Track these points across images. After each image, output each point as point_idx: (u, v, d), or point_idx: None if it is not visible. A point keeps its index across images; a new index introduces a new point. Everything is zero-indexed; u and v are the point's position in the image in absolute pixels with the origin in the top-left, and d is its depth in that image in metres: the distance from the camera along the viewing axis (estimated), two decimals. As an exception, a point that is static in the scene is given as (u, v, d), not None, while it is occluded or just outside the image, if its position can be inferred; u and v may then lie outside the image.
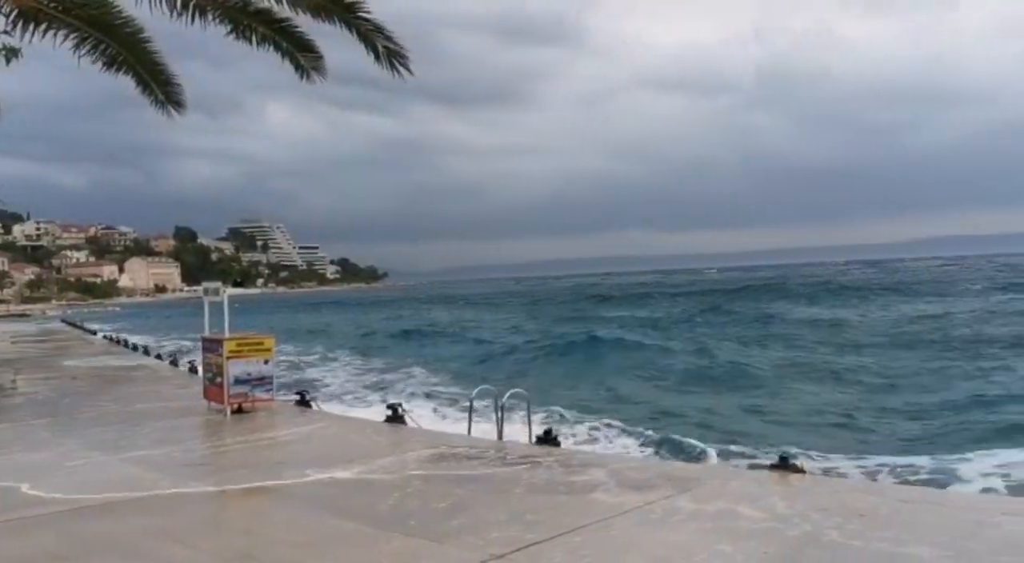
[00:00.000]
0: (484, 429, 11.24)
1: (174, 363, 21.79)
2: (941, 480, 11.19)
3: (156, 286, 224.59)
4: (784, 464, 7.55)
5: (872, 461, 12.50)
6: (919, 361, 25.16)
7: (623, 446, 14.19)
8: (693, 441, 14.28)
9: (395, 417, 11.42)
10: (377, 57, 13.81)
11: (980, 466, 11.95)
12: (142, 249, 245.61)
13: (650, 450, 13.75)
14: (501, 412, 10.45)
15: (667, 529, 5.97)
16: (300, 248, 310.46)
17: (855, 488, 8.32)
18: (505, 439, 10.25)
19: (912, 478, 11.32)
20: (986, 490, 10.55)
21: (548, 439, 9.46)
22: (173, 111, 15.59)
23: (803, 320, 43.02)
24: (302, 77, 14.91)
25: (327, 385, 24.92)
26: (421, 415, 14.41)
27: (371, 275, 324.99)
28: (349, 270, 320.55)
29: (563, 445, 9.59)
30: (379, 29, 13.65)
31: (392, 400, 13.41)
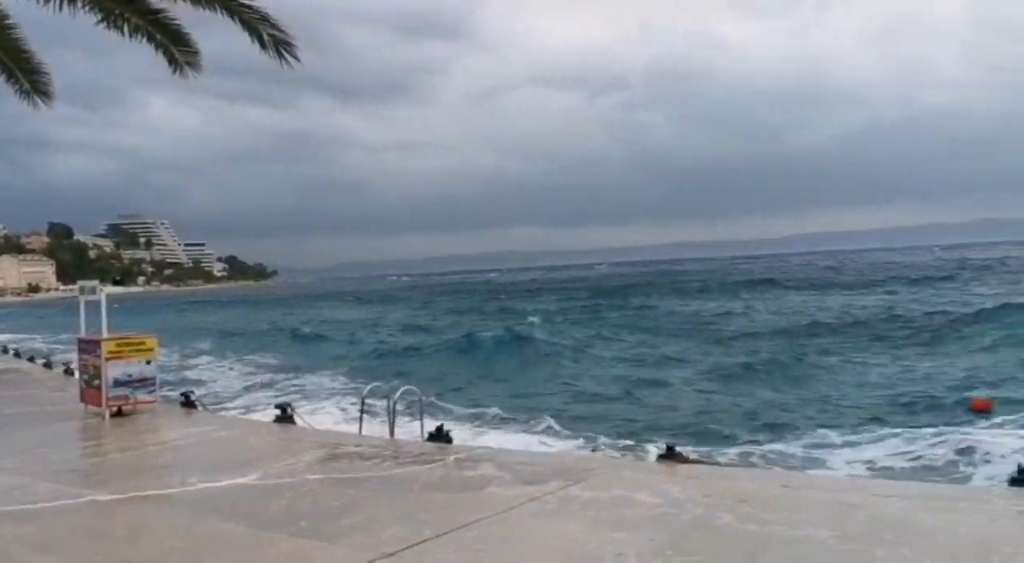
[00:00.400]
0: (377, 428, 11.13)
1: (47, 365, 20.68)
2: (808, 465, 11.83)
3: (29, 285, 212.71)
4: (671, 454, 7.75)
5: (737, 449, 13.04)
6: (791, 349, 26.32)
7: (517, 441, 14.30)
8: (589, 433, 14.57)
9: (284, 417, 11.16)
10: (263, 45, 13.41)
11: (840, 451, 12.72)
12: (13, 246, 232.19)
13: (543, 444, 13.92)
14: (393, 410, 10.35)
15: (562, 519, 6.04)
16: (186, 245, 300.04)
17: (739, 476, 8.63)
18: (397, 437, 10.16)
19: (781, 464, 11.88)
20: (851, 475, 11.16)
21: (440, 436, 9.42)
22: (40, 101, 14.81)
23: (687, 314, 44.57)
24: (176, 71, 14.33)
25: (214, 386, 24.21)
26: (312, 415, 14.14)
27: (260, 273, 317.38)
28: (237, 268, 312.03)
29: (456, 441, 9.56)
30: (264, 17, 13.24)
31: (282, 400, 13.10)
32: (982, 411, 14.75)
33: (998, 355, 23.08)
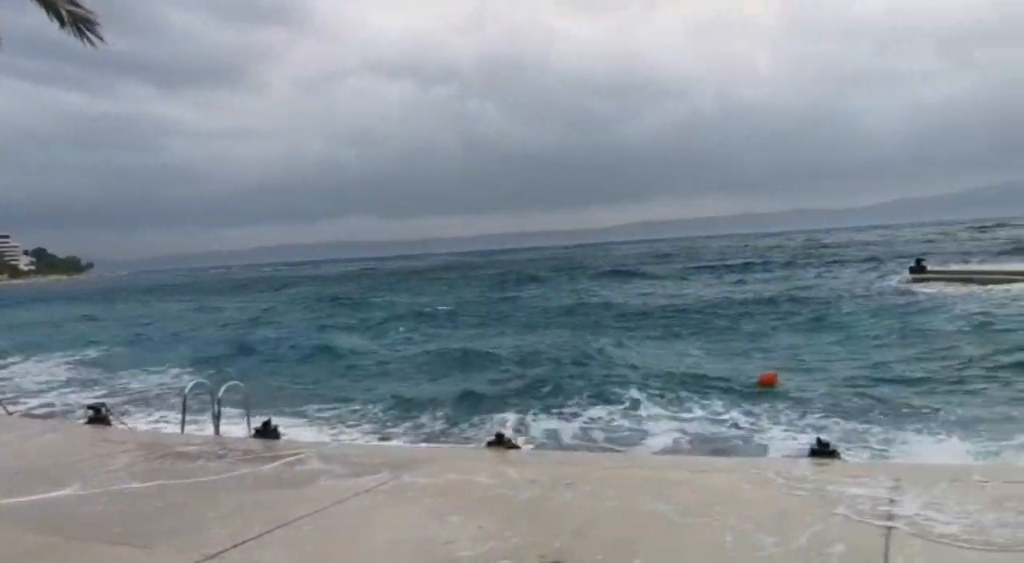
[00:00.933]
0: (201, 427, 10.74)
1: None
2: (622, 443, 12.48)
3: None
4: (500, 441, 7.93)
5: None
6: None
7: (346, 435, 14.18)
8: (422, 420, 14.64)
9: (98, 418, 10.54)
10: (61, 23, 12.54)
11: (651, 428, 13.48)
12: None
13: (372, 437, 13.87)
14: (217, 406, 10.01)
15: (394, 508, 6.06)
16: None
17: (567, 459, 8.95)
18: (223, 434, 9.84)
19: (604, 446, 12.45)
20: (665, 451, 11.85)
21: (267, 432, 9.20)
22: None
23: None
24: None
25: (20, 385, 22.52)
26: (131, 415, 13.45)
27: (73, 266, 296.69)
28: (47, 261, 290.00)
29: (284, 437, 9.37)
30: (61, -8, 12.41)
31: (95, 401, 12.37)
32: (768, 385, 15.96)
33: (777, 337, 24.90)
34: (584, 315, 35.86)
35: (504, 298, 50.83)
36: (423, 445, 12.64)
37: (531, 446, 12.01)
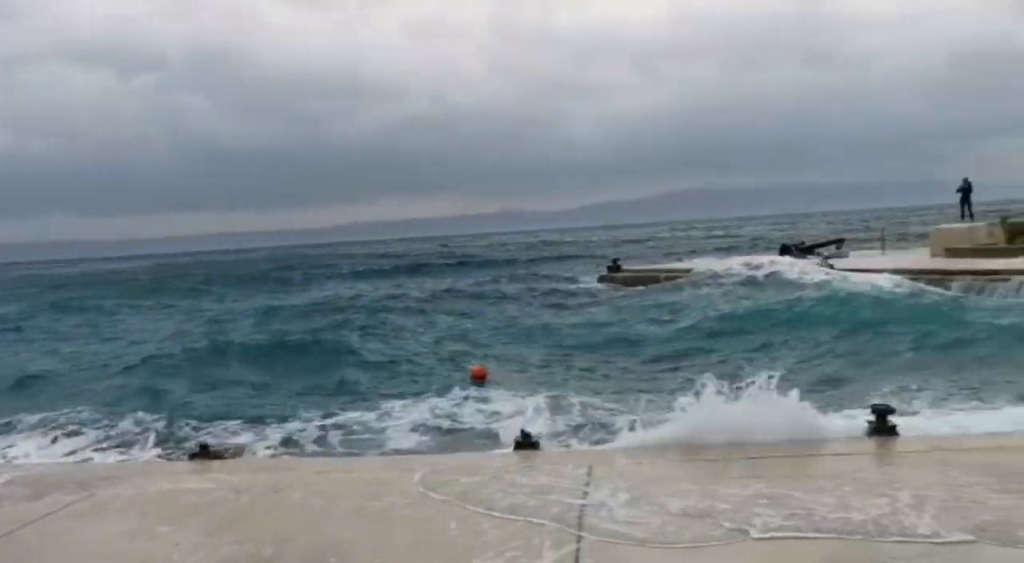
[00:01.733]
0: None
1: None
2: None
3: None
4: (205, 452, 7.73)
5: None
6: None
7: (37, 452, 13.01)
8: (127, 437, 13.73)
9: None
10: None
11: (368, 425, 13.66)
12: None
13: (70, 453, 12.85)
14: None
15: (92, 525, 5.85)
16: None
17: (274, 465, 8.92)
18: None
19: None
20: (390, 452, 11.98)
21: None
22: None
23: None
24: None
25: None
26: None
27: None
28: None
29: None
30: None
31: None
32: (480, 379, 16.74)
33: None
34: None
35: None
36: (124, 459, 11.89)
37: (270, 453, 11.80)
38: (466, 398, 15.29)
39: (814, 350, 18.12)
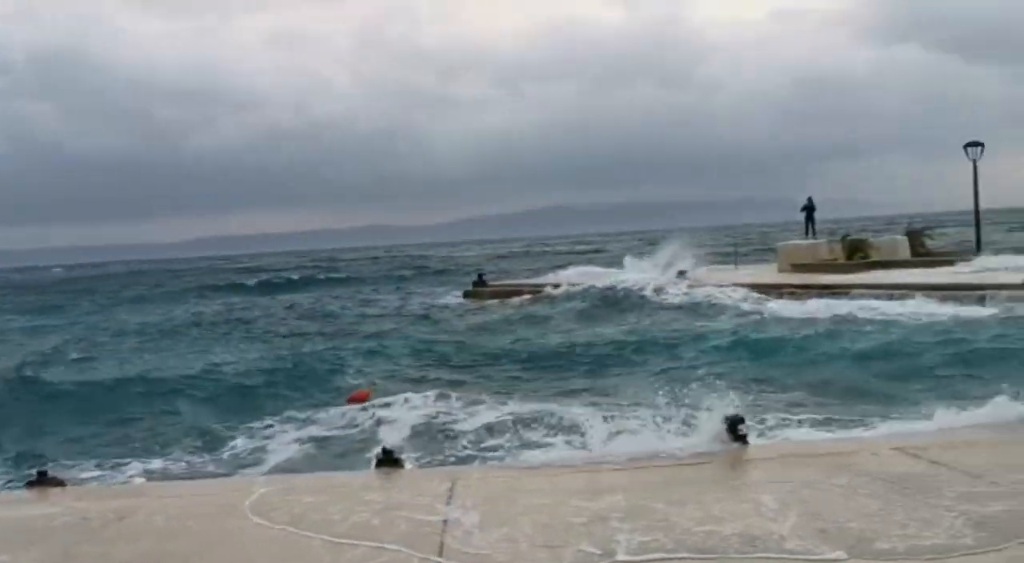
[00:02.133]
0: None
1: None
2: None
3: None
4: (44, 479, 7.34)
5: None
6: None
7: None
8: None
9: None
10: None
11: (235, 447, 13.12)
12: None
13: None
14: None
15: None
16: None
17: (117, 493, 8.50)
18: None
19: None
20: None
21: None
22: None
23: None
24: None
25: None
26: None
27: None
28: None
29: None
30: None
31: None
32: (360, 401, 15.98)
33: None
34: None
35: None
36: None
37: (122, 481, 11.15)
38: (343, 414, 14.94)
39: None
